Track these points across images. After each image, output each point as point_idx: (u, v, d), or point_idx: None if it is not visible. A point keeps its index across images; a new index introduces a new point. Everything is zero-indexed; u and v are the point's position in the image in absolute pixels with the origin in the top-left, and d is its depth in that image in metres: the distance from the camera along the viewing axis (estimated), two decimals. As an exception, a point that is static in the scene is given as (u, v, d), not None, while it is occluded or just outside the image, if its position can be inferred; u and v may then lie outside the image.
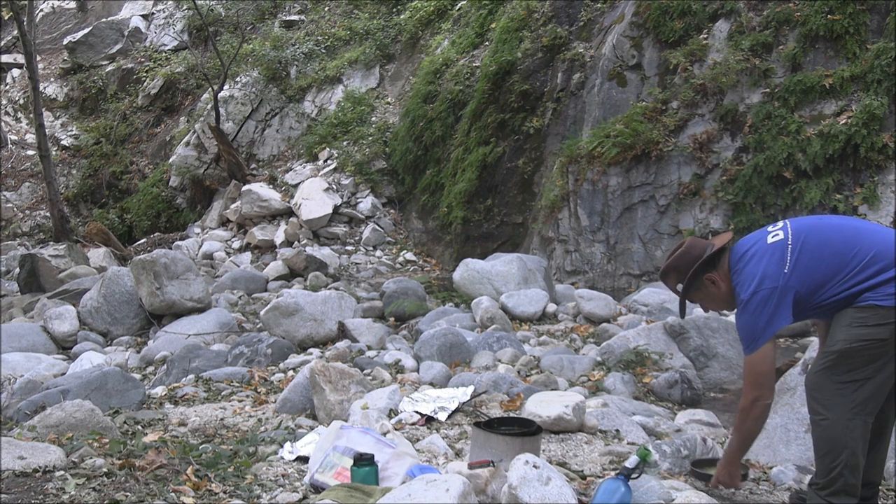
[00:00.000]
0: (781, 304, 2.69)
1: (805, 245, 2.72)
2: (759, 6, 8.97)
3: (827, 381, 2.67)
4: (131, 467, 3.07)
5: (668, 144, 8.79)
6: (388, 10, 16.33)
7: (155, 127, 17.80)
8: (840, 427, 2.61)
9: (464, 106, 12.08)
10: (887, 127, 7.58)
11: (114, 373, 4.96)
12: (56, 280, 10.07)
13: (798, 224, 2.81)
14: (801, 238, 2.74)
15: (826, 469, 2.66)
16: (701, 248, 2.94)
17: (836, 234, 2.73)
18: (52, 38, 20.91)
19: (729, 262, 2.88)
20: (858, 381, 2.63)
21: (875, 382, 2.63)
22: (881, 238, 2.69)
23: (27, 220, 16.46)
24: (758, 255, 2.78)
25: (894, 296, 2.58)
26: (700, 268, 2.89)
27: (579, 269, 9.34)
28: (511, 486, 2.64)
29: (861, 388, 2.62)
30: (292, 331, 6.81)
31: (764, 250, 2.78)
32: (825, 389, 2.67)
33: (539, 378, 5.26)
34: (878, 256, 2.64)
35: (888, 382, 2.68)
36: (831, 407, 2.64)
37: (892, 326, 2.59)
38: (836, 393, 2.64)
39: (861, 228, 2.75)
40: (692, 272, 2.90)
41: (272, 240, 12.90)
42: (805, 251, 2.71)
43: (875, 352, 2.61)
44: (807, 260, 2.70)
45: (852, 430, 2.61)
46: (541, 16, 11.35)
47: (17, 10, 13.65)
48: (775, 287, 2.69)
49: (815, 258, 2.69)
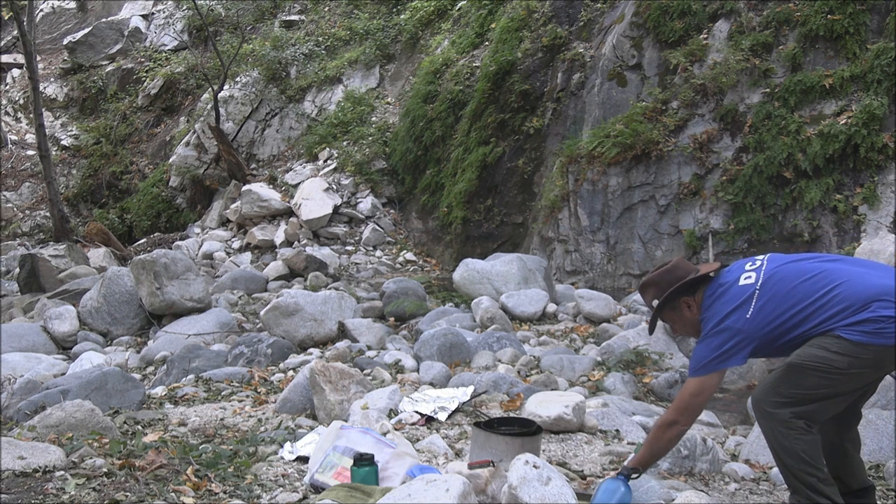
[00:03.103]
0: (737, 347, 2.73)
1: (774, 292, 2.73)
2: (759, 6, 8.97)
3: (770, 393, 2.68)
4: (131, 467, 3.08)
5: (668, 144, 8.79)
6: (388, 10, 16.32)
7: (155, 127, 17.80)
8: (783, 435, 2.62)
9: (464, 106, 12.07)
10: (887, 127, 7.58)
11: (114, 373, 4.95)
12: (56, 280, 10.06)
13: (773, 267, 2.81)
14: (770, 284, 2.75)
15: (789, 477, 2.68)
16: (685, 270, 2.96)
17: (808, 279, 2.71)
18: (52, 38, 20.90)
19: (704, 292, 2.91)
20: (800, 399, 2.63)
21: (818, 405, 2.64)
22: (857, 282, 2.65)
23: (27, 220, 16.45)
24: (727, 296, 2.82)
25: (866, 333, 2.56)
26: (680, 289, 2.93)
27: (579, 269, 9.34)
28: (511, 486, 2.64)
29: (801, 405, 2.62)
30: (292, 331, 6.81)
31: (734, 293, 2.80)
32: (767, 402, 2.68)
33: (539, 378, 5.26)
34: (849, 305, 2.61)
35: (833, 407, 2.69)
36: (773, 416, 2.65)
37: (851, 359, 2.57)
38: (779, 404, 2.64)
39: (839, 272, 2.71)
40: (671, 291, 2.92)
41: (272, 240, 12.89)
42: (772, 299, 2.72)
43: (826, 378, 2.59)
44: (772, 308, 2.71)
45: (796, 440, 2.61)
46: (541, 16, 11.35)
47: (17, 10, 13.65)
48: (735, 329, 2.73)
49: (781, 307, 2.70)
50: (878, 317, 2.56)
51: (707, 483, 3.44)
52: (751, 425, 4.43)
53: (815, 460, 2.63)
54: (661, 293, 2.96)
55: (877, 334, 2.55)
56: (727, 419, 4.96)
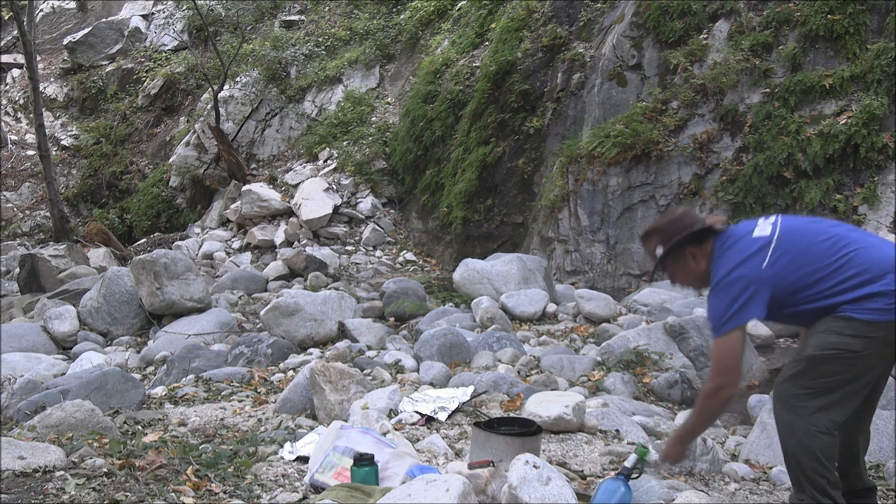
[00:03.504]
0: (755, 297, 2.65)
1: (790, 246, 2.68)
2: (759, 6, 8.97)
3: (794, 386, 2.66)
4: (131, 467, 3.08)
5: (668, 144, 8.79)
6: (388, 10, 16.32)
7: (155, 127, 17.80)
8: (804, 431, 2.60)
9: (464, 106, 12.07)
10: (887, 127, 7.58)
11: (114, 373, 4.95)
12: (56, 280, 10.06)
13: (788, 223, 2.77)
14: (786, 238, 2.71)
15: (797, 476, 2.67)
16: (692, 220, 2.90)
17: (824, 240, 2.68)
18: (52, 38, 20.90)
19: (713, 244, 2.85)
20: (825, 388, 2.61)
21: (842, 392, 2.62)
22: (872, 251, 2.64)
23: (27, 220, 16.45)
24: (739, 245, 2.75)
25: (876, 311, 2.55)
26: (687, 238, 2.85)
27: (579, 269, 9.34)
28: (511, 486, 2.64)
29: (826, 395, 2.61)
30: (292, 331, 6.81)
31: (747, 243, 2.75)
32: (791, 395, 2.66)
33: (539, 378, 5.26)
34: (864, 270, 2.59)
35: (856, 396, 2.66)
36: (797, 410, 2.63)
37: (866, 340, 2.56)
38: (804, 397, 2.63)
39: (853, 239, 2.69)
40: (678, 240, 2.85)
41: (272, 240, 12.89)
42: (788, 252, 2.67)
43: (845, 363, 2.58)
44: (787, 261, 2.66)
45: (815, 437, 2.59)
46: (541, 16, 11.35)
47: (17, 10, 13.65)
48: (750, 277, 2.66)
49: (797, 262, 2.66)
50: (891, 290, 2.54)
51: (707, 483, 3.44)
52: (751, 425, 4.43)
53: (830, 462, 2.62)
54: (666, 241, 2.87)
55: (887, 311, 2.54)
56: (727, 419, 4.96)
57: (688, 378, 5.39)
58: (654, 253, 2.94)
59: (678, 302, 7.16)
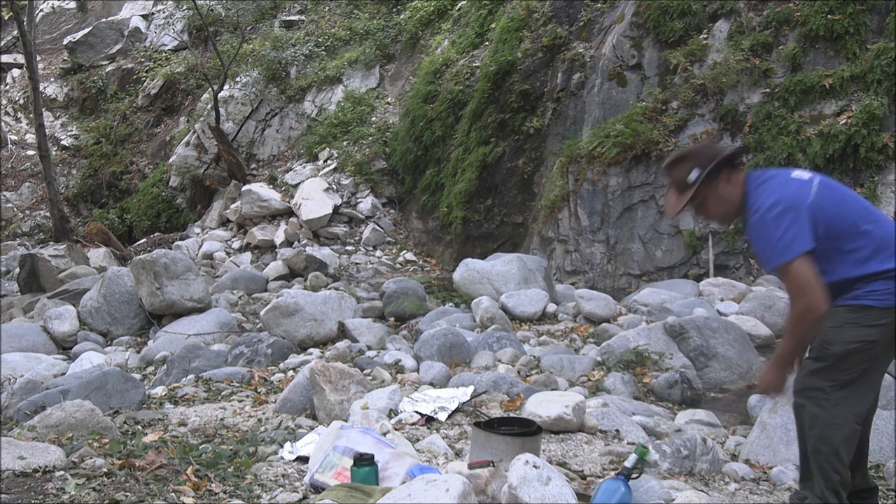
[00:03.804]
0: (805, 226, 2.59)
1: (829, 193, 2.69)
2: (759, 6, 8.97)
3: (820, 380, 2.68)
4: (131, 467, 3.07)
5: (669, 144, 8.79)
6: (388, 10, 16.33)
7: (155, 127, 17.80)
8: (826, 422, 2.63)
9: (464, 106, 12.07)
10: (887, 127, 7.58)
11: (114, 373, 4.95)
12: (56, 280, 10.06)
13: (823, 178, 2.76)
14: (825, 186, 2.71)
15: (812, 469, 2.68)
16: (722, 148, 2.87)
17: (855, 203, 2.72)
18: (52, 38, 20.90)
19: (749, 175, 2.80)
20: (847, 381, 2.65)
21: (861, 383, 2.66)
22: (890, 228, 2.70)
23: (27, 220, 16.45)
24: (780, 179, 2.73)
25: (890, 294, 2.60)
26: (725, 160, 2.77)
27: (579, 269, 9.34)
28: (511, 486, 2.64)
29: (848, 387, 2.64)
30: (292, 331, 6.81)
31: (788, 180, 2.73)
32: (816, 387, 2.67)
33: (539, 378, 5.25)
34: (883, 243, 2.64)
35: (872, 387, 2.72)
36: (822, 403, 2.65)
37: (881, 328, 2.60)
38: (829, 389, 2.65)
39: (877, 213, 2.76)
40: (717, 162, 2.76)
41: (272, 240, 12.90)
42: (830, 198, 2.68)
43: (865, 353, 2.63)
44: (829, 204, 2.66)
45: (838, 427, 2.62)
46: (541, 16, 11.35)
47: (17, 10, 13.65)
48: (799, 205, 2.62)
49: (836, 208, 2.66)
50: None
51: (707, 483, 3.44)
52: (751, 425, 4.43)
53: (846, 458, 2.64)
54: (705, 163, 2.75)
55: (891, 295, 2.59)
56: (727, 419, 4.95)
57: (688, 378, 5.39)
58: (683, 181, 2.81)
59: (678, 302, 7.15)
